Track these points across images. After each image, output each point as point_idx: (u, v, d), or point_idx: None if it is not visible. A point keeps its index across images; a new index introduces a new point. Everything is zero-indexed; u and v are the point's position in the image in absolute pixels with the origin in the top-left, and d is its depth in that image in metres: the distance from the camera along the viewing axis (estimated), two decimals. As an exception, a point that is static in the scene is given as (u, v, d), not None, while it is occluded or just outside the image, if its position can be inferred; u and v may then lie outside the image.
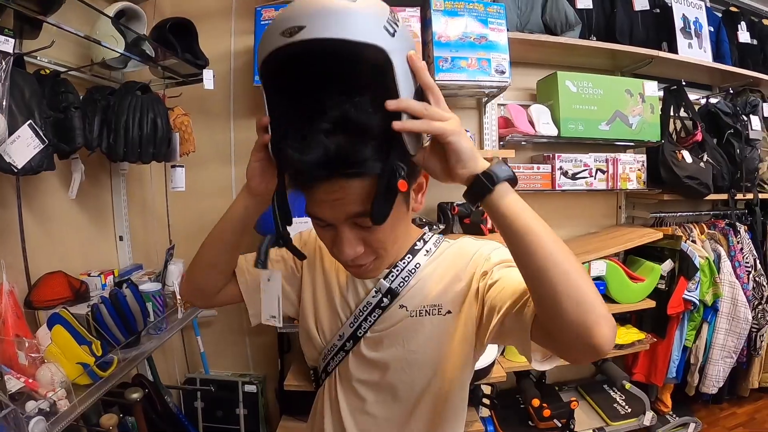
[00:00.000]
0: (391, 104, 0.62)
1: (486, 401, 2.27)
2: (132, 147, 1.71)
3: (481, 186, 0.65)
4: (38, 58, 1.64)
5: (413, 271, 0.88)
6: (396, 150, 0.65)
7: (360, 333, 0.89)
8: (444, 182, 0.70)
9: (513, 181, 0.66)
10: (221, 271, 0.94)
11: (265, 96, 0.69)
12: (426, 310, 0.86)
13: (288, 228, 0.75)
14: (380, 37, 0.61)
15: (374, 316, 0.88)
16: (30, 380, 1.24)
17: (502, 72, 2.13)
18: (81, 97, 1.63)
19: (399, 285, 0.87)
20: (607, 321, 0.61)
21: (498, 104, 2.55)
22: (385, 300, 0.87)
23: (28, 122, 1.36)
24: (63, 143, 1.52)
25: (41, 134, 1.39)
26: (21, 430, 1.11)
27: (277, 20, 0.62)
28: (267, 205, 0.79)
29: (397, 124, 0.62)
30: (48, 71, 1.57)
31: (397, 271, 0.87)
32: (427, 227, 2.19)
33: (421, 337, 0.85)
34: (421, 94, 0.67)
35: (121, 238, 2.20)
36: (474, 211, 2.24)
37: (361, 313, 0.88)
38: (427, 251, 0.90)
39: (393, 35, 0.62)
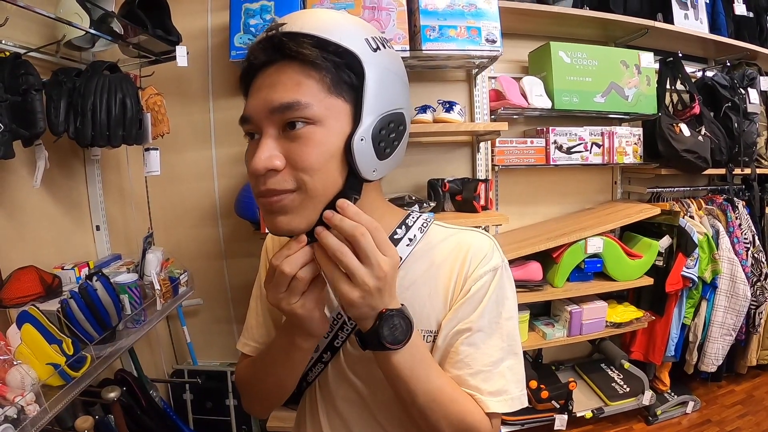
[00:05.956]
0: (327, 213, 0.60)
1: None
2: (100, 130, 1.59)
3: (363, 342, 0.65)
4: (3, 41, 1.54)
5: None
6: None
7: (337, 343, 0.79)
8: None
9: (404, 340, 0.64)
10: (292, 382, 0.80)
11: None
12: None
13: None
14: (358, 46, 0.61)
15: (351, 324, 0.76)
16: (-2, 385, 1.15)
17: (493, 41, 2.02)
18: (46, 80, 1.52)
19: None
20: None
21: (489, 77, 2.46)
22: None
23: (-21, 106, 1.26)
24: (23, 128, 1.41)
25: (-5, 119, 1.28)
26: (-15, 440, 1.03)
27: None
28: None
29: (328, 213, 0.60)
30: (8, 54, 1.45)
31: None
32: (416, 206, 2.11)
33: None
34: (383, 124, 0.62)
35: (98, 228, 2.10)
36: (466, 187, 2.16)
37: (335, 322, 0.77)
38: (411, 240, 0.74)
39: (374, 51, 0.62)
